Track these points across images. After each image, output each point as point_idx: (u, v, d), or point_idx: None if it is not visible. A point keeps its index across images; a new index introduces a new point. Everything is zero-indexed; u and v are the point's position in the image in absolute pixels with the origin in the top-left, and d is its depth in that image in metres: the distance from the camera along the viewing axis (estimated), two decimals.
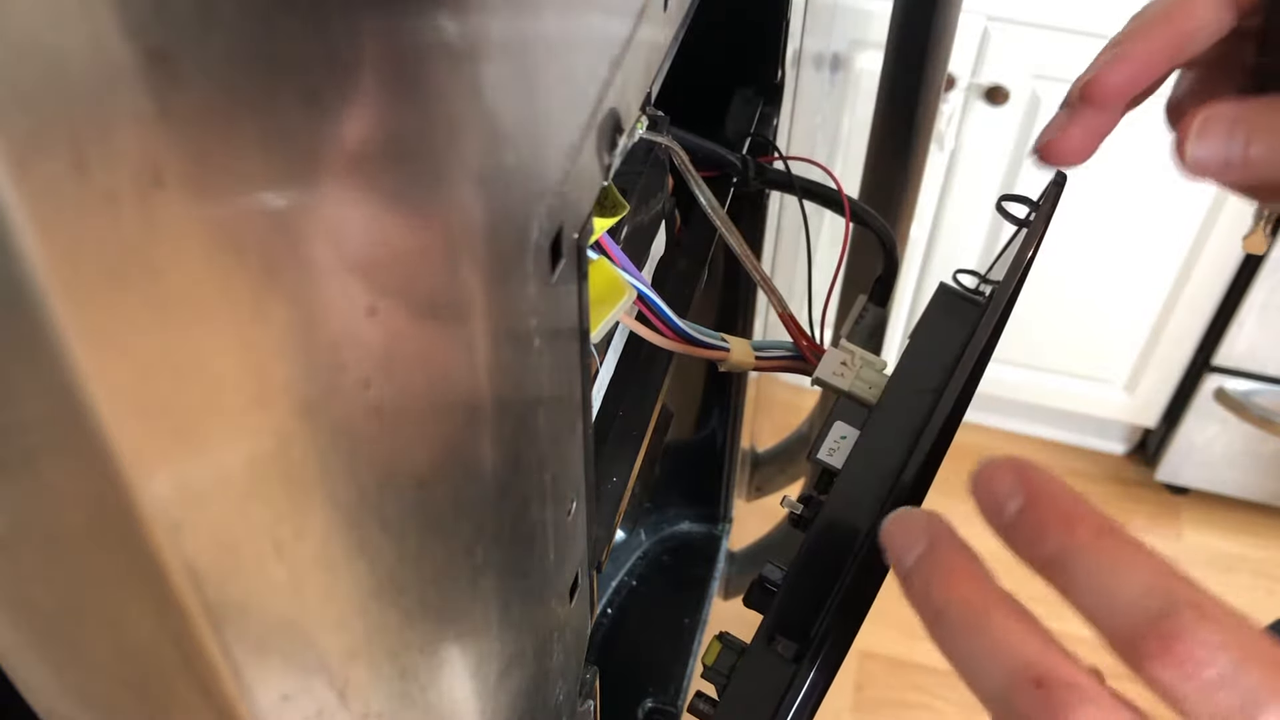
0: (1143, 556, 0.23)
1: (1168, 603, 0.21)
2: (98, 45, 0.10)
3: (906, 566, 0.25)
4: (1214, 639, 0.21)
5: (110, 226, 0.10)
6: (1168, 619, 0.21)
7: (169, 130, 0.11)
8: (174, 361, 0.12)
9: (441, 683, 0.23)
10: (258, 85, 0.12)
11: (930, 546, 0.25)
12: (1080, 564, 0.23)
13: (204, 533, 0.13)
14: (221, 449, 0.13)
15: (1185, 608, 0.21)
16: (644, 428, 0.38)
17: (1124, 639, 0.22)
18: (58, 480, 0.12)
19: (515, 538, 0.25)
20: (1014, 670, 0.23)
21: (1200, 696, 0.21)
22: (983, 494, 0.25)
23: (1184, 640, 0.21)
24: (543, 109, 0.21)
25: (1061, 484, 0.24)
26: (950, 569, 0.25)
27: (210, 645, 0.14)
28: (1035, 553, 0.24)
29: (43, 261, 0.10)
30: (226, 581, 0.14)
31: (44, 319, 0.10)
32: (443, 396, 0.19)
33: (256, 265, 0.13)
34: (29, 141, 0.09)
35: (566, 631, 0.31)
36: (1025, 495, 0.24)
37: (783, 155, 0.49)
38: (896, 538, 0.26)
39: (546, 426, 0.25)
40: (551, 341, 0.24)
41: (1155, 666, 0.21)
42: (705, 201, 0.37)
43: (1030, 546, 0.24)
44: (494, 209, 0.19)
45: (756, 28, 0.53)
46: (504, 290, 0.20)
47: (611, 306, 0.32)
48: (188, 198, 0.11)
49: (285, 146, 0.13)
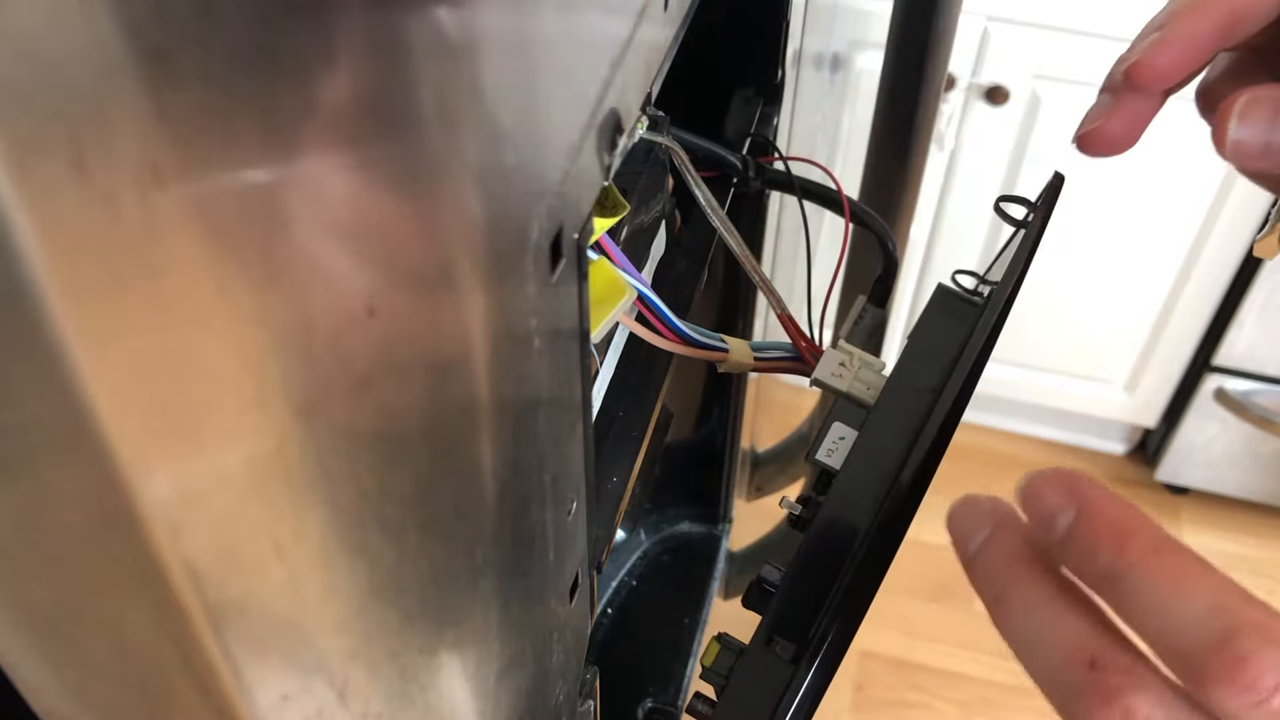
0: (1203, 574, 0.22)
1: (1231, 624, 0.21)
2: (97, 45, 0.10)
3: (970, 552, 0.25)
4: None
5: (110, 226, 0.10)
6: (1232, 642, 0.21)
7: (169, 130, 0.11)
8: (174, 361, 0.12)
9: (441, 683, 0.23)
10: (257, 85, 0.12)
11: (994, 532, 0.25)
12: (1136, 582, 0.22)
13: (204, 533, 0.13)
14: (221, 449, 0.13)
15: (1250, 630, 0.21)
16: (644, 428, 0.38)
17: (1184, 661, 0.21)
18: (58, 480, 0.12)
19: (515, 538, 0.25)
20: (1069, 652, 0.23)
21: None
22: (1032, 508, 0.24)
23: (1250, 666, 0.20)
24: (543, 109, 0.21)
25: (1114, 497, 0.23)
26: (1013, 554, 0.25)
27: (210, 645, 0.14)
28: (1089, 569, 0.23)
29: (43, 261, 0.10)
30: (226, 582, 0.14)
31: (44, 319, 0.10)
32: (442, 397, 0.19)
33: (256, 265, 0.13)
34: (29, 141, 0.09)
35: (566, 632, 0.31)
36: (1077, 509, 0.23)
37: (783, 155, 0.49)
38: (961, 522, 0.26)
39: (546, 426, 0.25)
40: (551, 342, 0.24)
41: (1220, 691, 0.21)
42: (704, 201, 0.37)
43: (1083, 563, 0.23)
44: (494, 209, 0.19)
45: (756, 28, 0.53)
46: (504, 290, 0.20)
47: (611, 307, 0.32)
48: (187, 197, 0.11)
49: (285, 146, 0.13)
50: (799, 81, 0.62)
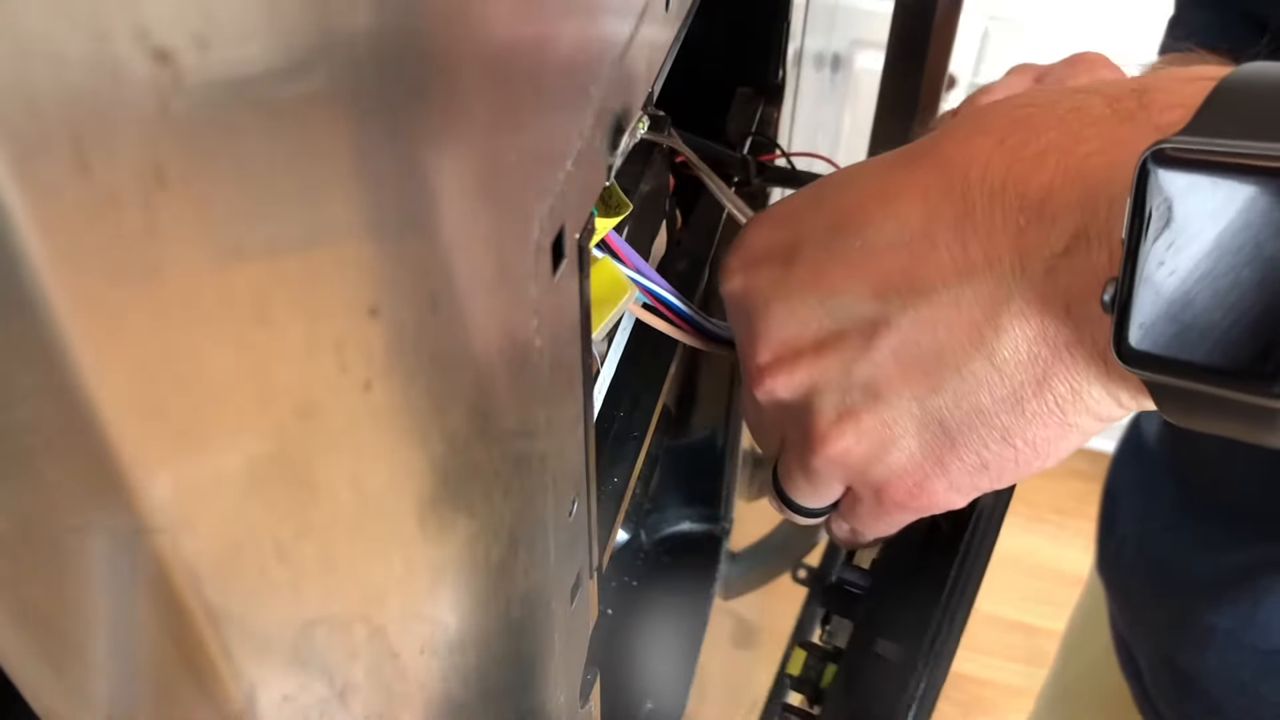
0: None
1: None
2: (101, 45, 0.10)
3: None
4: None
5: (112, 227, 0.10)
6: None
7: (172, 131, 0.11)
8: (174, 362, 0.12)
9: (442, 684, 0.23)
10: (260, 86, 0.12)
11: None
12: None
13: (205, 533, 0.13)
14: (222, 449, 0.13)
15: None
16: (644, 428, 0.38)
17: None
18: (58, 480, 0.12)
19: (516, 538, 0.25)
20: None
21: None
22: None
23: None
24: (544, 108, 0.21)
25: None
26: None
27: (210, 645, 0.14)
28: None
29: (44, 261, 0.10)
30: (227, 582, 0.14)
31: (44, 319, 0.10)
32: (443, 397, 0.19)
33: (258, 266, 0.13)
34: (31, 141, 0.09)
35: (567, 634, 0.31)
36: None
37: (785, 152, 0.49)
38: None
39: (547, 426, 0.25)
40: (552, 341, 0.24)
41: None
42: (718, 192, 0.38)
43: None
44: (495, 209, 0.19)
45: (757, 28, 0.53)
46: (505, 290, 0.20)
47: (613, 306, 0.32)
48: (190, 198, 0.11)
49: (287, 147, 0.13)
50: (800, 81, 0.62)
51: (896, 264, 0.28)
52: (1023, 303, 0.26)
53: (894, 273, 0.28)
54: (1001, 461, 0.28)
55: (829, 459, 0.30)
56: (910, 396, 0.28)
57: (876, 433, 0.29)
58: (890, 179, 0.29)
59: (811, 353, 0.29)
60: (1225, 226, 0.21)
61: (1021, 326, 0.26)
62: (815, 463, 0.30)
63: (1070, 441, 0.27)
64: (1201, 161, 0.22)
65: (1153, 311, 0.22)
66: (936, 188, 0.27)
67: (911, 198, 0.28)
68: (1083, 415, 0.27)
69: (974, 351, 0.26)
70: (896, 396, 0.28)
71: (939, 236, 0.27)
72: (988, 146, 0.27)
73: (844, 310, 0.29)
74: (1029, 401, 0.26)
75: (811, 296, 0.29)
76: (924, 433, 0.28)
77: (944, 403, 0.28)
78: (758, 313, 0.31)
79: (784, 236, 0.31)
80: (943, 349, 0.27)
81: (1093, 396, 0.26)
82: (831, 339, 0.29)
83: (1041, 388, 0.26)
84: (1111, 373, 0.25)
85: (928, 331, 0.27)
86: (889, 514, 0.31)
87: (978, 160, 0.27)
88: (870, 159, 0.31)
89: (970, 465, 0.28)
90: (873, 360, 0.28)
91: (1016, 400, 0.27)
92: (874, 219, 0.28)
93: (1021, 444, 0.27)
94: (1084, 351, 0.25)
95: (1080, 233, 0.25)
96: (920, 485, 0.29)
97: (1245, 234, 0.21)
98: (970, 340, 0.26)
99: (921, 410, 0.28)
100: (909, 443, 0.29)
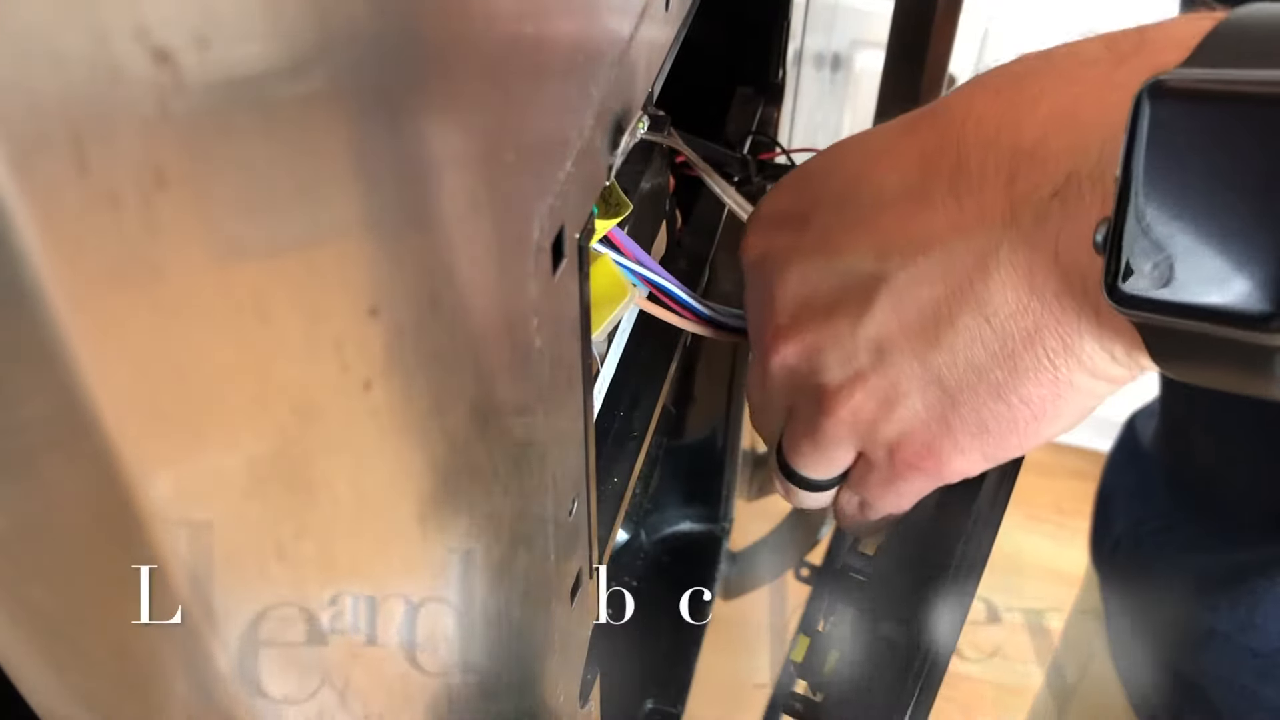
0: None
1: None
2: (101, 45, 0.10)
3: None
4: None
5: (112, 227, 0.10)
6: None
7: (172, 130, 0.11)
8: (175, 361, 0.12)
9: (441, 684, 0.23)
10: (260, 86, 0.12)
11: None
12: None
13: (205, 532, 0.13)
14: (222, 449, 0.13)
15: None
16: (644, 428, 0.38)
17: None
18: (58, 480, 0.12)
19: (516, 537, 0.25)
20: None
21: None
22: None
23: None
24: (544, 107, 0.21)
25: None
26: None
27: (210, 644, 0.14)
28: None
29: (44, 261, 0.10)
30: (227, 581, 0.14)
31: (44, 319, 0.10)
32: (443, 397, 0.19)
33: (258, 266, 0.13)
34: (31, 141, 0.09)
35: (567, 634, 0.31)
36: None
37: (785, 150, 0.49)
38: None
39: (547, 426, 0.25)
40: (552, 341, 0.24)
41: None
42: (718, 189, 0.38)
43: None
44: (495, 208, 0.19)
45: (757, 27, 0.53)
46: (505, 290, 0.20)
47: (614, 306, 0.32)
48: (190, 198, 0.11)
49: (286, 147, 0.13)
50: (800, 80, 0.62)
51: (896, 222, 0.28)
52: (1010, 251, 0.25)
53: (893, 231, 0.28)
54: (1000, 422, 0.28)
55: (839, 419, 0.30)
56: (911, 354, 0.28)
57: (883, 391, 0.29)
58: (895, 141, 0.29)
59: (822, 315, 0.29)
60: (1224, 160, 0.21)
61: (1010, 276, 0.26)
62: (826, 424, 0.30)
63: (1068, 403, 0.27)
64: (1200, 92, 0.21)
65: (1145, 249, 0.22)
66: (934, 144, 0.27)
67: (911, 156, 0.28)
68: (1076, 371, 0.26)
69: (966, 304, 0.26)
70: (899, 354, 0.28)
71: (934, 192, 0.27)
72: (984, 100, 0.27)
73: (849, 271, 0.29)
74: (1020, 355, 0.26)
75: (821, 260, 0.29)
76: (926, 391, 0.28)
77: (942, 359, 0.28)
78: (773, 280, 0.31)
79: (797, 203, 0.31)
80: (938, 303, 0.27)
81: (1085, 350, 0.26)
82: (839, 301, 0.29)
83: (1032, 340, 0.26)
84: (1104, 324, 0.25)
85: (924, 287, 0.27)
86: (901, 477, 0.31)
87: (973, 113, 0.27)
88: (882, 124, 0.31)
89: (972, 426, 0.28)
90: (875, 319, 0.28)
91: (1009, 354, 0.26)
92: (877, 180, 0.29)
93: (1017, 401, 0.27)
94: (1074, 301, 0.25)
95: (1072, 176, 0.24)
96: (929, 446, 0.29)
97: (1245, 166, 0.20)
98: (962, 292, 0.26)
99: (923, 368, 0.28)
100: (914, 401, 0.29)
